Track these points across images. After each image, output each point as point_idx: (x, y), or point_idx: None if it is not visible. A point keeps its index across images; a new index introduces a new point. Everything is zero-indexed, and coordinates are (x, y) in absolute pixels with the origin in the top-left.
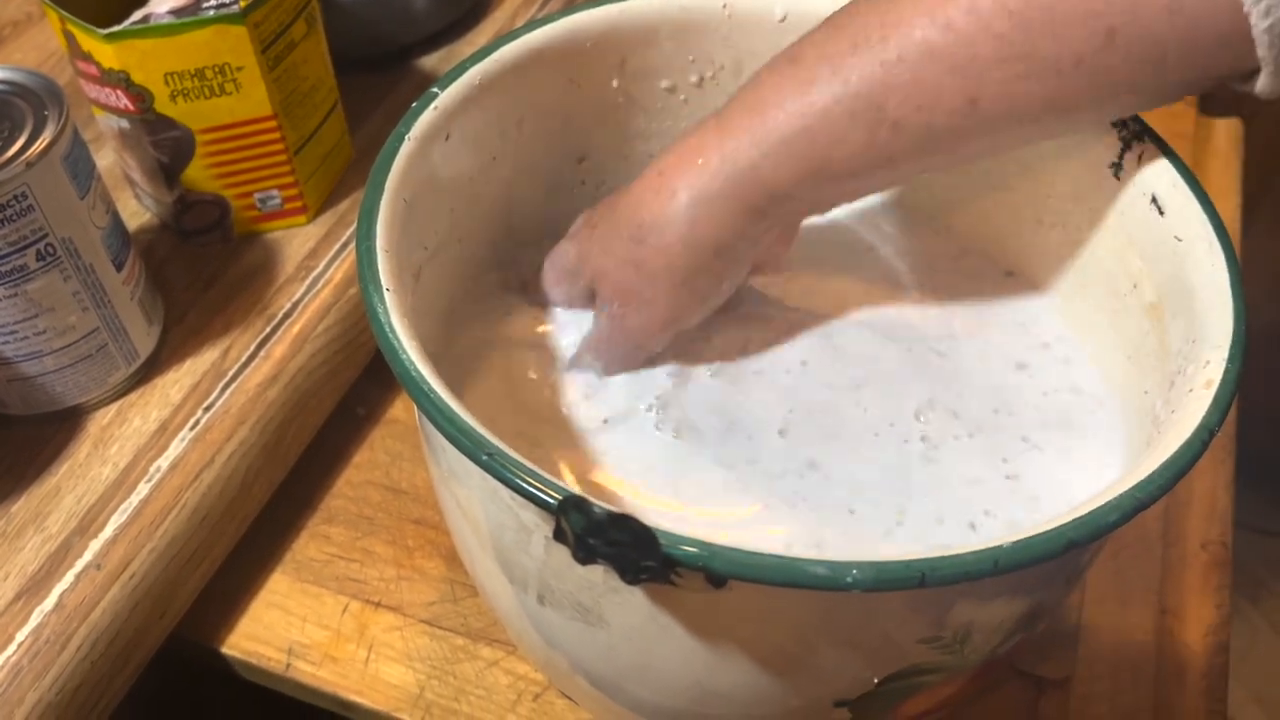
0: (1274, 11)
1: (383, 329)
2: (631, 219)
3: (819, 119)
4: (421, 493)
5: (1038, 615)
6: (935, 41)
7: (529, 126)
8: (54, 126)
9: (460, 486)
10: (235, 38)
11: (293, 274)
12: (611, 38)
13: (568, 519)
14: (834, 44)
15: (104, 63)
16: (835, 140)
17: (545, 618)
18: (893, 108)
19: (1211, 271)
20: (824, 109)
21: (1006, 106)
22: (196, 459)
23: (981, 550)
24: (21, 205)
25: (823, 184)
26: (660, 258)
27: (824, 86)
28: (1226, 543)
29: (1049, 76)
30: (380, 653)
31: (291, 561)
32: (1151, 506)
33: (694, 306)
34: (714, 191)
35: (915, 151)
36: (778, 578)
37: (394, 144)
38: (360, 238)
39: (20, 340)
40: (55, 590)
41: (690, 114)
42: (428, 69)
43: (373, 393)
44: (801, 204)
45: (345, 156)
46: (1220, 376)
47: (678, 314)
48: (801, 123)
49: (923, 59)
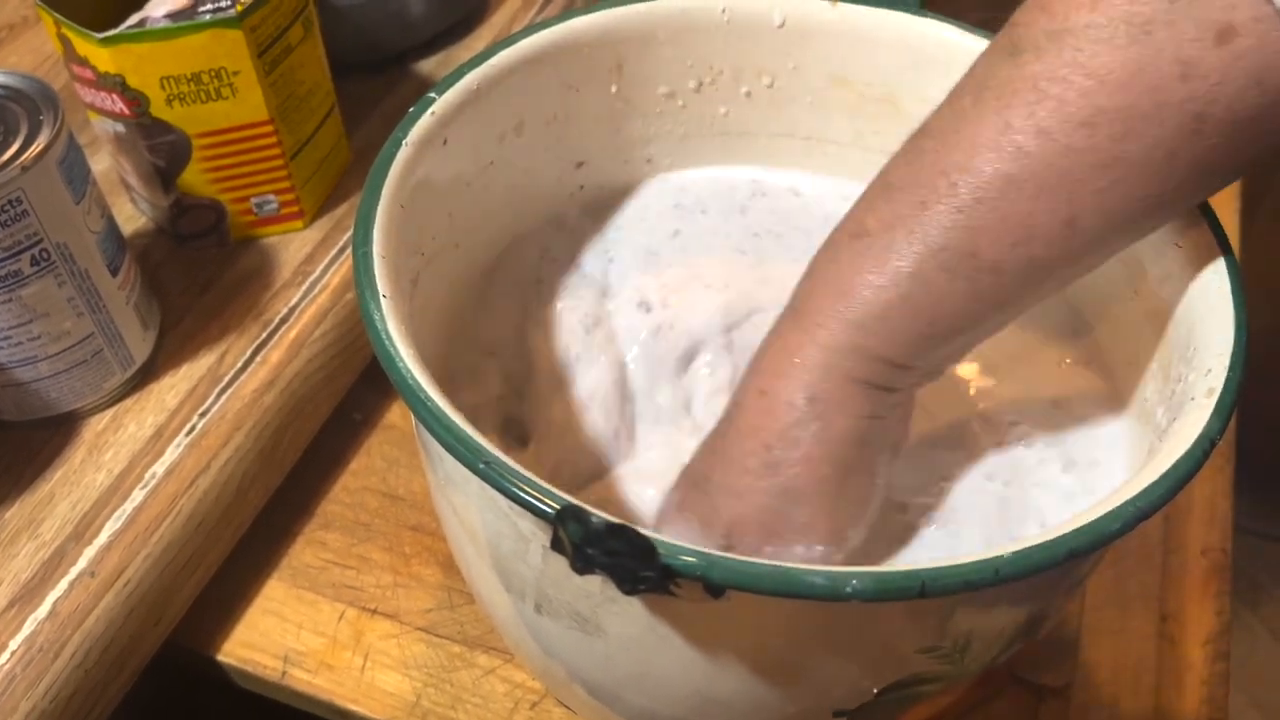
0: None
1: (379, 336)
2: (752, 448)
3: (913, 284)
4: (418, 499)
5: (1038, 623)
6: (1012, 172)
7: (526, 131)
8: (49, 131)
9: (457, 494)
10: (231, 42)
11: (289, 279)
12: (609, 42)
13: (565, 529)
14: (898, 206)
15: (99, 67)
16: (936, 301)
17: (543, 627)
18: (987, 252)
19: (1213, 279)
20: (914, 273)
21: (1106, 218)
22: (192, 465)
23: (982, 560)
24: (16, 210)
25: (935, 346)
26: (804, 474)
27: (905, 251)
28: (1226, 549)
29: (1144, 177)
30: (376, 660)
31: (287, 568)
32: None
33: (856, 515)
34: (830, 382)
35: (1022, 288)
36: (776, 588)
37: (391, 149)
38: (357, 244)
39: (14, 346)
40: (49, 597)
41: (688, 119)
42: (425, 73)
43: (369, 398)
44: (918, 372)
45: (342, 161)
46: (1221, 385)
47: (840, 527)
48: (895, 292)
49: (1004, 193)
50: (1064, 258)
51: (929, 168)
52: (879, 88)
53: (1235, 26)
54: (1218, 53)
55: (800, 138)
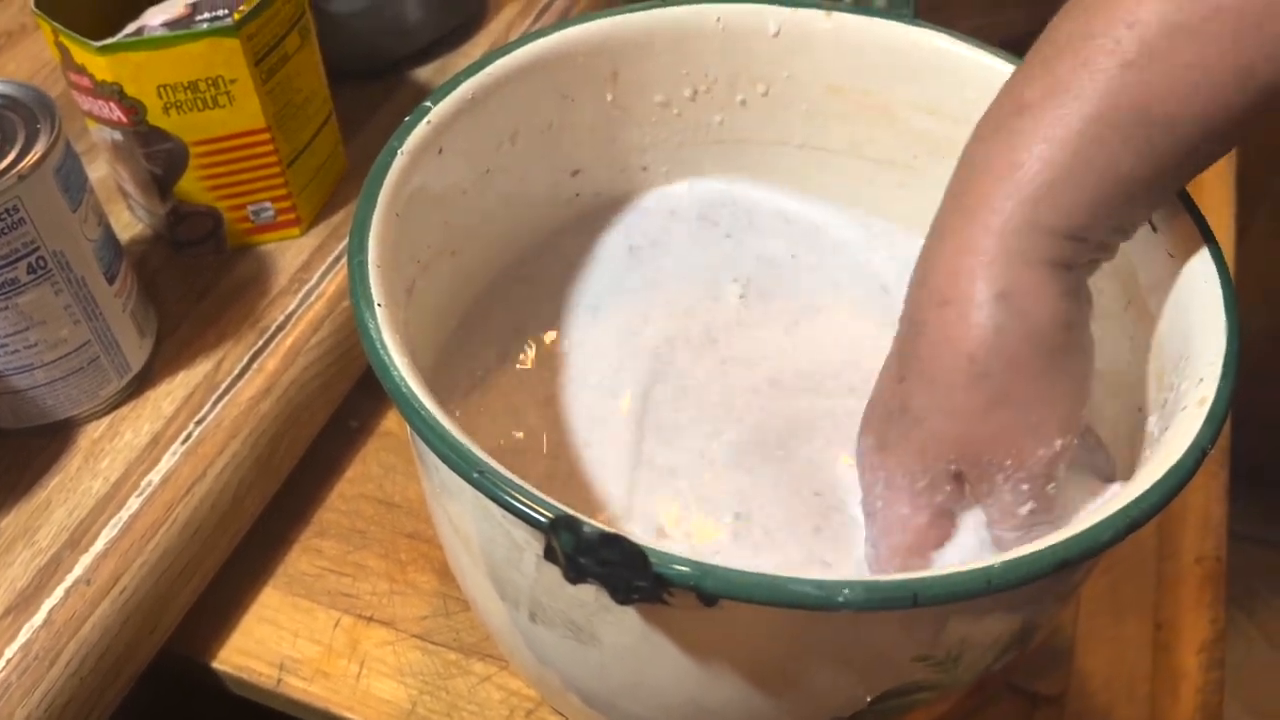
0: None
1: (373, 345)
2: (954, 366)
3: (1084, 148)
4: (414, 506)
5: (1031, 632)
6: (1180, 20)
7: (522, 140)
8: (46, 139)
9: (452, 502)
10: (229, 50)
11: (286, 286)
12: (604, 51)
13: (558, 538)
14: (1059, 72)
15: (97, 75)
16: (1109, 163)
17: (537, 635)
18: (1159, 107)
19: (1205, 289)
20: (1084, 135)
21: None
22: (188, 472)
23: (974, 569)
24: (13, 218)
25: (1111, 214)
26: (1019, 377)
27: (1072, 116)
28: (1221, 557)
29: None
30: (372, 668)
31: (283, 575)
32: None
33: (1079, 396)
34: (1016, 274)
35: (1197, 146)
36: (769, 597)
37: (386, 158)
38: (352, 253)
39: (11, 354)
40: (44, 606)
41: (683, 127)
42: (422, 80)
43: (366, 405)
44: (1093, 244)
45: (339, 168)
46: (1214, 394)
47: (1069, 415)
48: (1066, 160)
49: (1174, 43)
50: (1239, 113)
51: (1087, 27)
52: (874, 96)
53: None
54: None
55: (795, 145)
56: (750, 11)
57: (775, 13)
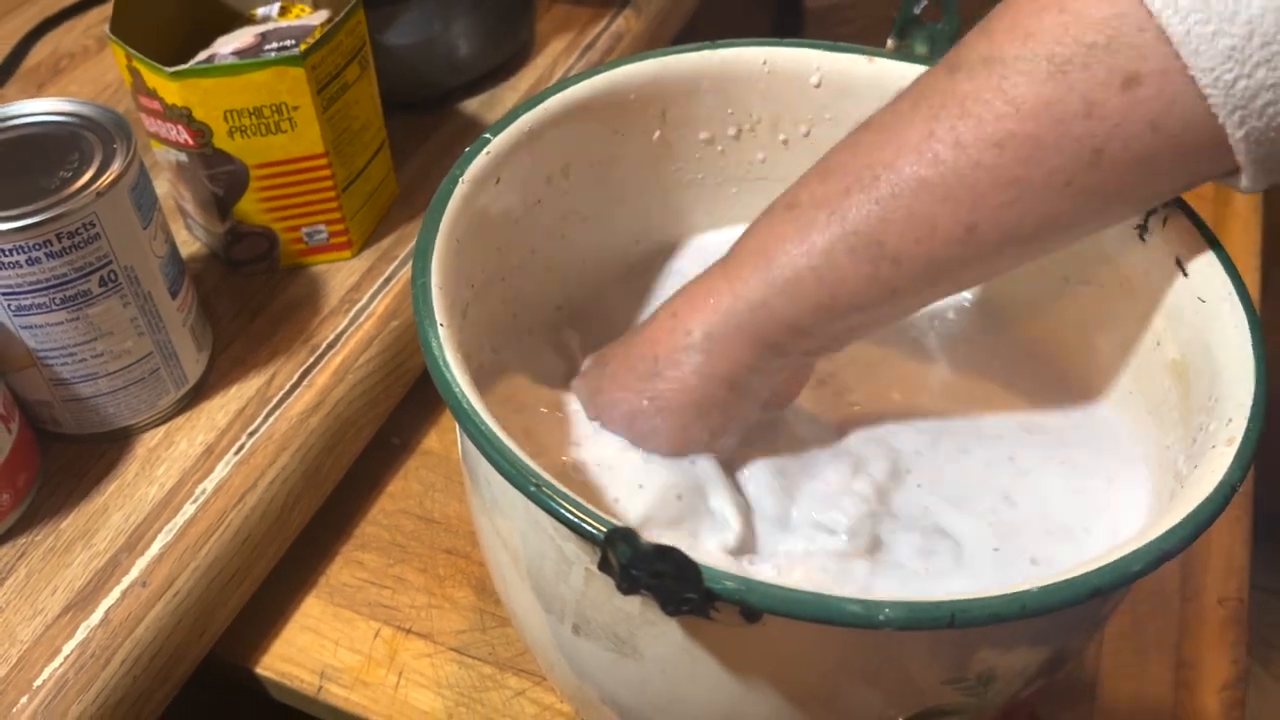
0: (1248, 121)
1: (437, 363)
2: (646, 355)
3: (822, 258)
4: (453, 523)
5: (1060, 661)
6: (926, 176)
7: (574, 173)
8: (122, 159)
9: (502, 517)
10: (294, 79)
11: (336, 306)
12: (654, 90)
13: (614, 550)
14: (827, 187)
15: (167, 99)
16: (840, 278)
17: (579, 648)
18: (892, 242)
19: (1234, 333)
20: (826, 249)
21: (1002, 231)
22: (240, 482)
23: (1010, 593)
24: (89, 233)
25: (833, 319)
26: (674, 392)
27: (824, 228)
28: (1243, 599)
29: (1041, 199)
30: (410, 678)
31: (326, 586)
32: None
33: (701, 439)
34: (728, 327)
35: (918, 283)
36: (812, 613)
37: (449, 186)
38: (416, 274)
39: (78, 362)
40: (102, 605)
41: (727, 164)
42: (470, 112)
43: (409, 423)
44: (814, 340)
45: (390, 194)
46: (1242, 434)
47: (681, 448)
48: (806, 262)
49: (916, 193)
50: (960, 260)
51: (861, 159)
52: None
53: (1141, 76)
54: (1121, 97)
55: None
56: (795, 55)
57: (819, 57)
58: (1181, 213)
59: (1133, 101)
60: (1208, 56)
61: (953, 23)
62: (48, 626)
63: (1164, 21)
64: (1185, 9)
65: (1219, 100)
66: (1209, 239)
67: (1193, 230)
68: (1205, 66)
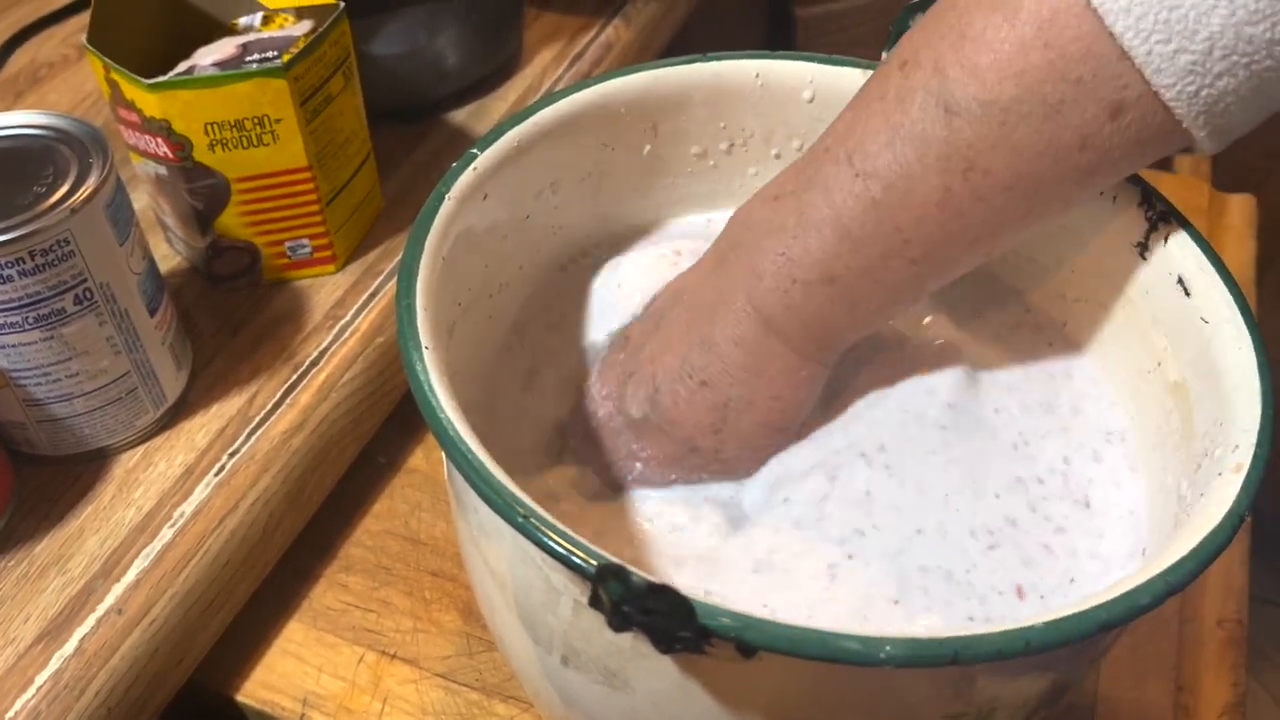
0: (1211, 121)
1: (422, 388)
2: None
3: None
4: (440, 544)
5: (1061, 691)
6: (954, 232)
7: (563, 188)
8: (98, 174)
9: (489, 544)
10: (276, 91)
11: (320, 322)
12: (645, 103)
13: (605, 587)
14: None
15: (146, 111)
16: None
17: (568, 679)
18: (909, 295)
19: (1239, 355)
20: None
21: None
22: (220, 505)
23: (1014, 630)
24: (63, 250)
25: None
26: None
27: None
28: (1242, 620)
29: (1042, 215)
30: (395, 705)
31: (309, 610)
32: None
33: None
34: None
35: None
36: (812, 651)
37: (434, 203)
38: (400, 295)
39: (53, 382)
40: (76, 634)
41: (719, 178)
42: (457, 122)
43: (394, 441)
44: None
45: (375, 207)
46: (1249, 461)
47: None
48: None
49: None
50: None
51: (887, 223)
52: None
53: (1126, 104)
54: (1111, 125)
55: None
56: (789, 68)
57: (813, 69)
58: (1183, 230)
59: (1121, 128)
60: (1169, 74)
61: None
62: (20, 656)
63: (1126, 45)
64: (1146, 31)
65: (1183, 111)
66: (1213, 259)
67: (1194, 248)
68: (1167, 84)
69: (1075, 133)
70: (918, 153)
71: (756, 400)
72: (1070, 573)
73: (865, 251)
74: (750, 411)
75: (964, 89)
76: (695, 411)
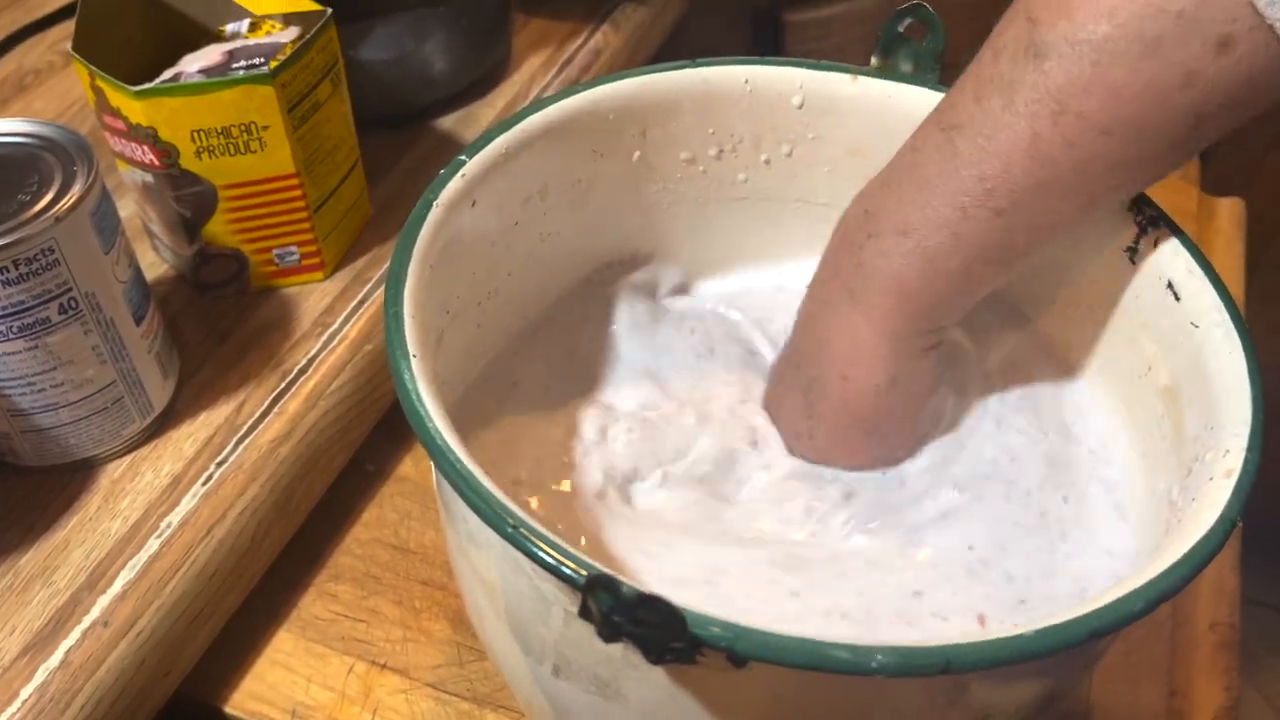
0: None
1: (409, 396)
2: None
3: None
4: (430, 553)
5: (1057, 697)
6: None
7: (552, 194)
8: (83, 182)
9: (479, 554)
10: (263, 97)
11: (308, 330)
12: (634, 109)
13: (595, 597)
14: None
15: (132, 118)
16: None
17: (559, 689)
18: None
19: (1229, 359)
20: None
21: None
22: (208, 515)
23: (1006, 638)
24: (48, 259)
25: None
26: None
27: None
28: (1235, 624)
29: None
30: (385, 716)
31: (297, 620)
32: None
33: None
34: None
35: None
36: (803, 661)
37: (422, 211)
38: (388, 303)
39: (37, 392)
40: (61, 647)
41: (708, 184)
42: (445, 129)
43: (383, 448)
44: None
45: (363, 214)
46: (1240, 466)
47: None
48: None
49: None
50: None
51: (966, 170)
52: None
53: (1234, 37)
54: (1218, 62)
55: (817, 204)
56: (778, 74)
57: (802, 75)
58: (1172, 235)
59: (1230, 63)
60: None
61: (937, 40)
62: (4, 670)
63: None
64: None
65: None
66: (1203, 264)
67: (1184, 253)
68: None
69: (1177, 70)
70: (1004, 100)
71: (828, 379)
72: (1062, 576)
73: (943, 200)
74: (825, 393)
75: (1053, 30)
76: (790, 394)
